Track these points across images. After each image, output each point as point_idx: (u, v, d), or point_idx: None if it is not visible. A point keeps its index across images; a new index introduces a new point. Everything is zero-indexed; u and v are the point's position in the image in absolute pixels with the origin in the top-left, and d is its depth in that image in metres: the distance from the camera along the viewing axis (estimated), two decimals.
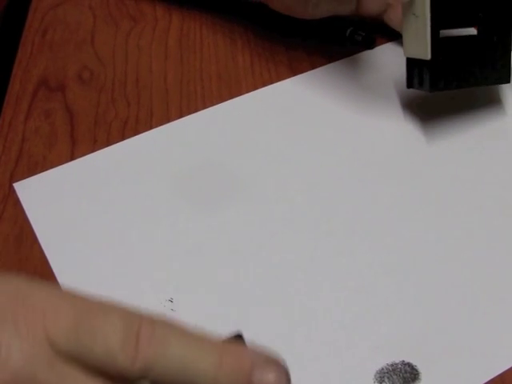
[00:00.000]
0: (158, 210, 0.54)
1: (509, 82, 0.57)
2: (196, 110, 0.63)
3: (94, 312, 0.33)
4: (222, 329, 0.47)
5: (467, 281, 0.49)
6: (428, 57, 0.54)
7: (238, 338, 0.45)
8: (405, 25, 0.56)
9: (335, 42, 0.68)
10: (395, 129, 0.60)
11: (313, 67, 0.66)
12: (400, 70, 0.59)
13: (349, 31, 0.67)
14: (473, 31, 0.55)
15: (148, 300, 0.49)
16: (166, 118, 0.62)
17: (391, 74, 0.59)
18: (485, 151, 0.58)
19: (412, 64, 0.57)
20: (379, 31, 0.68)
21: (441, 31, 0.54)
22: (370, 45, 0.67)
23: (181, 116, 0.62)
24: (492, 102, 0.61)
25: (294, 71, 0.66)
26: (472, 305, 0.48)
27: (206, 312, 0.48)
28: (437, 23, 0.53)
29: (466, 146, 0.58)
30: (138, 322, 0.33)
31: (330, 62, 0.66)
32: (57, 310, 0.33)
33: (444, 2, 0.53)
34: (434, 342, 0.46)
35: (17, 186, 0.57)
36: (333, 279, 0.50)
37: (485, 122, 0.59)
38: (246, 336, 0.45)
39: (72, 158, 0.59)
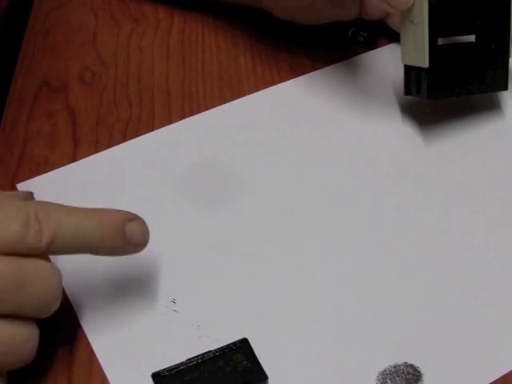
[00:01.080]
0: (160, 211, 0.54)
1: (506, 89, 0.57)
2: (198, 111, 0.62)
3: None
4: (225, 329, 0.47)
5: (470, 282, 0.49)
6: (426, 65, 0.54)
7: (244, 342, 0.45)
8: (403, 32, 0.56)
9: (337, 43, 0.68)
10: (395, 130, 0.59)
11: (314, 68, 0.65)
12: (402, 71, 0.58)
13: (351, 32, 0.67)
14: (471, 38, 0.55)
15: (150, 300, 0.49)
16: (168, 119, 0.62)
17: (393, 75, 0.59)
18: (483, 153, 0.57)
19: (410, 71, 0.57)
20: (381, 32, 0.67)
21: (439, 38, 0.54)
22: (372, 45, 0.67)
23: (182, 117, 0.62)
24: (490, 104, 0.61)
25: (295, 72, 0.65)
26: (475, 307, 0.48)
27: (209, 313, 0.48)
28: (435, 31, 0.53)
29: (465, 147, 0.58)
30: (34, 209, 0.40)
31: (331, 63, 0.66)
32: None
33: (442, 9, 0.53)
34: (437, 343, 0.46)
35: (19, 187, 0.56)
36: (335, 280, 0.50)
37: (483, 125, 0.59)
38: (249, 337, 0.45)
39: (74, 158, 0.59)
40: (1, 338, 0.40)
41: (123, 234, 0.43)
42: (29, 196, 0.46)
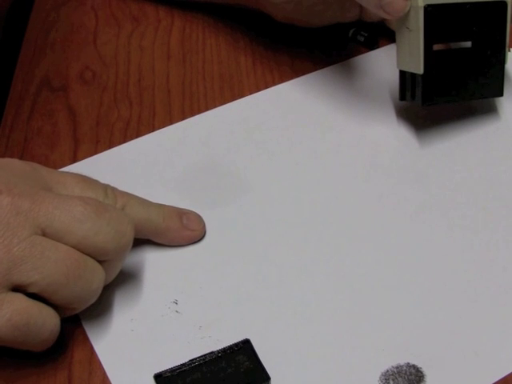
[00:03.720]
0: None
1: (502, 95, 0.57)
2: (198, 111, 0.62)
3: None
4: (227, 330, 0.46)
5: (471, 283, 0.49)
6: (421, 71, 0.54)
7: (246, 343, 0.44)
8: (398, 38, 0.56)
9: (338, 43, 0.67)
10: (395, 131, 0.59)
11: (315, 68, 0.65)
12: None
13: (351, 32, 0.67)
14: (466, 44, 0.55)
15: (152, 301, 0.48)
16: (169, 119, 0.61)
17: (394, 76, 0.58)
18: (479, 154, 0.57)
19: (405, 77, 0.57)
20: (382, 32, 0.67)
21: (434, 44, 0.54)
22: (373, 45, 0.67)
23: (183, 116, 0.61)
24: (486, 106, 0.60)
25: (295, 72, 0.65)
26: (477, 308, 0.47)
27: (211, 314, 0.48)
28: (430, 37, 0.53)
29: (463, 148, 0.57)
30: (110, 186, 0.49)
31: (332, 63, 0.65)
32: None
33: (438, 16, 0.53)
34: (439, 344, 0.45)
35: None
36: (337, 281, 0.49)
37: (479, 126, 0.59)
38: (252, 337, 0.45)
39: (74, 158, 0.58)
40: (79, 262, 0.43)
41: (180, 218, 0.51)
42: None
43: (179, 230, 0.51)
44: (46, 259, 0.41)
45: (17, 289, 0.41)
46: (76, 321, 0.47)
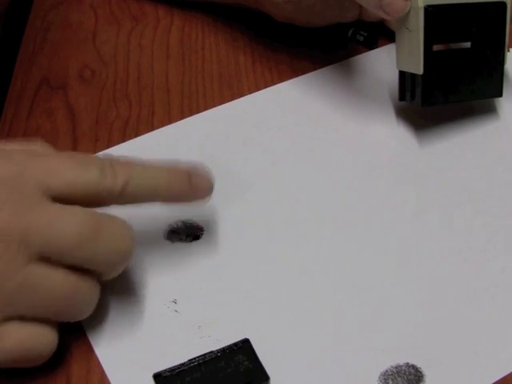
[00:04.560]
0: (159, 210, 0.53)
1: (501, 95, 0.57)
2: (197, 110, 0.62)
3: (71, 156, 0.44)
4: (227, 330, 0.46)
5: (471, 283, 0.48)
6: (420, 72, 0.54)
7: (245, 342, 0.44)
8: (398, 39, 0.56)
9: (337, 43, 0.67)
10: (395, 130, 0.59)
11: (314, 68, 0.65)
12: None
13: (351, 31, 0.67)
14: (466, 45, 0.55)
15: (151, 301, 0.48)
16: (168, 118, 0.61)
17: (394, 76, 0.58)
18: (479, 153, 0.57)
19: (405, 77, 0.57)
20: (382, 32, 0.67)
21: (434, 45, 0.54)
22: (372, 45, 0.66)
23: (182, 115, 0.61)
24: (485, 106, 0.60)
25: (295, 71, 0.65)
26: (476, 308, 0.47)
27: (210, 313, 0.47)
28: (430, 38, 0.53)
29: (462, 148, 0.57)
30: (107, 159, 0.45)
31: (331, 62, 0.65)
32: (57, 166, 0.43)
33: (438, 16, 0.53)
34: (439, 344, 0.45)
35: None
36: (336, 280, 0.49)
37: (478, 126, 0.59)
38: (251, 337, 0.45)
39: None
40: (64, 289, 0.41)
41: (189, 180, 0.47)
42: None
43: (187, 195, 0.48)
44: (43, 292, 0.41)
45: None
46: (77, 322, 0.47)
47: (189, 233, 0.52)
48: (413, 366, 0.44)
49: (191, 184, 0.47)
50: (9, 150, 0.44)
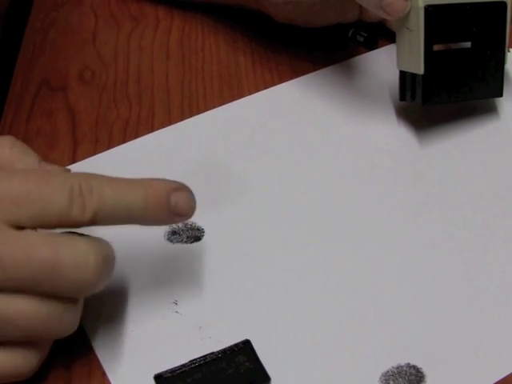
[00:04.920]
0: None
1: (501, 95, 0.57)
2: (197, 111, 0.62)
3: (38, 183, 0.40)
4: (228, 331, 0.46)
5: (472, 283, 0.48)
6: (421, 71, 0.54)
7: (246, 343, 0.44)
8: (398, 39, 0.56)
9: (337, 43, 0.67)
10: (395, 131, 0.59)
11: (315, 68, 0.65)
12: None
13: (351, 32, 0.67)
14: (466, 44, 0.55)
15: (152, 302, 0.48)
16: (168, 119, 0.61)
17: (394, 76, 0.58)
18: (479, 153, 0.57)
19: (405, 77, 0.57)
20: (382, 32, 0.67)
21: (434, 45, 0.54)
22: (373, 46, 0.66)
23: (182, 116, 0.61)
24: (486, 106, 0.60)
25: (295, 71, 0.65)
26: (477, 308, 0.47)
27: (211, 314, 0.47)
28: (430, 38, 0.53)
29: (463, 148, 0.57)
30: (77, 182, 0.40)
31: (331, 63, 0.65)
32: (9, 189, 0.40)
33: (438, 16, 0.53)
34: (440, 344, 0.45)
35: None
36: (336, 281, 0.49)
37: (478, 126, 0.59)
38: (252, 338, 0.45)
39: (74, 158, 0.58)
40: (38, 315, 0.40)
41: (168, 206, 0.43)
42: (67, 171, 0.47)
43: (166, 218, 0.44)
44: (10, 322, 0.40)
45: None
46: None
47: (189, 234, 0.52)
48: (414, 367, 0.44)
49: (170, 206, 0.43)
50: None
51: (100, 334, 0.47)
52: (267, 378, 0.43)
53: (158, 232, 0.52)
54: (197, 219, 0.53)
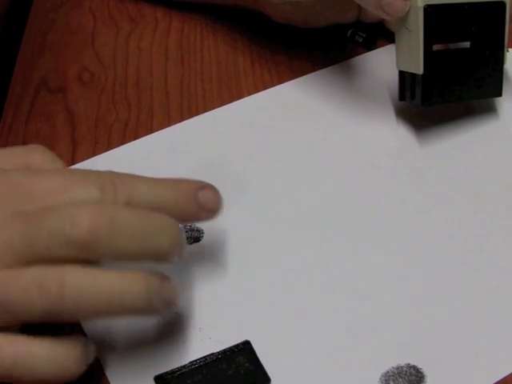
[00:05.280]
0: None
1: (500, 95, 0.57)
2: (197, 112, 0.62)
3: (74, 175, 0.43)
4: (228, 331, 0.46)
5: (472, 284, 0.49)
6: (420, 71, 0.54)
7: (246, 344, 0.44)
8: (398, 39, 0.56)
9: (336, 44, 0.67)
10: (395, 131, 0.59)
11: (314, 68, 0.65)
12: None
13: (350, 32, 0.67)
14: (465, 44, 0.55)
15: None
16: (167, 120, 0.61)
17: (393, 77, 0.58)
18: (479, 153, 0.57)
19: (404, 77, 0.57)
20: (381, 32, 0.67)
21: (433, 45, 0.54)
22: (372, 46, 0.66)
23: (181, 117, 0.61)
24: (485, 106, 0.60)
25: (294, 72, 0.65)
26: (477, 308, 0.47)
27: (211, 315, 0.48)
28: (430, 38, 0.53)
29: (462, 148, 0.57)
30: (109, 175, 0.42)
31: (331, 64, 0.65)
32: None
33: (437, 16, 0.53)
34: (439, 345, 0.45)
35: None
36: (336, 281, 0.49)
37: (478, 126, 0.59)
38: (252, 339, 0.45)
39: (73, 160, 0.58)
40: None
41: (196, 200, 0.44)
42: None
43: (195, 213, 0.45)
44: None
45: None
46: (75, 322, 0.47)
47: (189, 235, 0.52)
48: (414, 367, 0.44)
49: (199, 201, 0.44)
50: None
51: (100, 335, 0.47)
52: (267, 379, 0.43)
53: None
54: None
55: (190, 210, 0.44)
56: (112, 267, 0.40)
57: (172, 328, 0.47)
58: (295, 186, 0.55)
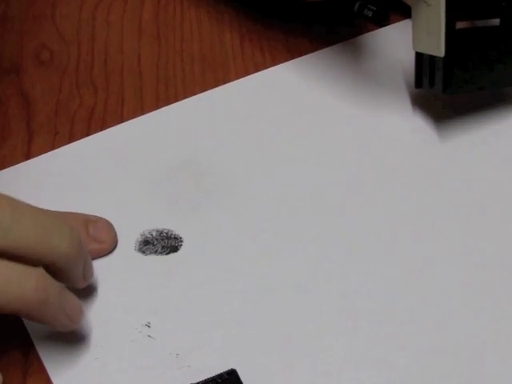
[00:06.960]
0: (130, 215, 0.54)
1: None
2: (175, 98, 0.62)
3: None
4: (209, 359, 0.46)
5: (495, 303, 0.49)
6: (441, 53, 0.54)
7: (232, 373, 0.45)
8: (415, 15, 0.56)
9: (341, 19, 0.67)
10: (407, 122, 0.59)
11: (314, 49, 0.65)
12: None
13: (357, 5, 0.67)
14: (494, 22, 0.55)
15: (120, 324, 0.48)
16: (140, 107, 0.62)
17: (407, 58, 0.59)
18: (508, 150, 0.57)
19: (422, 60, 0.57)
20: (393, 6, 0.67)
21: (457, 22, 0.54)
22: (382, 22, 0.67)
23: (157, 105, 0.62)
24: (507, 95, 0.61)
25: (291, 52, 0.65)
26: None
27: (190, 339, 0.48)
28: (452, 13, 0.53)
29: (487, 144, 0.58)
30: None
31: (334, 42, 0.65)
32: None
33: None
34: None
35: None
36: (338, 300, 0.49)
37: (508, 118, 0.59)
38: (237, 367, 0.45)
39: (28, 153, 0.58)
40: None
41: (86, 229, 0.50)
42: None
43: (84, 243, 0.46)
44: None
45: None
46: (30, 346, 0.47)
47: (165, 244, 0.53)
48: None
49: (88, 233, 0.51)
50: None
51: (58, 362, 0.47)
52: None
53: (127, 242, 0.52)
54: (173, 226, 0.53)
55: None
56: None
57: (144, 354, 0.47)
58: (290, 187, 0.56)
